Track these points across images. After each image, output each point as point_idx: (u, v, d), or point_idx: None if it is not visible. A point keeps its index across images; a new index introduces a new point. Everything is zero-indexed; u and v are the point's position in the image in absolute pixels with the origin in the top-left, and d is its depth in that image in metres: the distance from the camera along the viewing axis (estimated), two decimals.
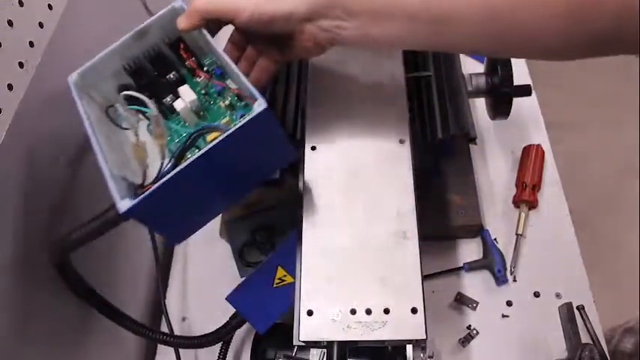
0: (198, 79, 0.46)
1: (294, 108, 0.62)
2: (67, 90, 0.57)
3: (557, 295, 0.68)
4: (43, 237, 0.52)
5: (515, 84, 0.65)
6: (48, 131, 0.53)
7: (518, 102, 0.66)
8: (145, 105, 0.42)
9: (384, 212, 0.46)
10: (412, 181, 0.47)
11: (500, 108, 0.67)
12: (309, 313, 0.43)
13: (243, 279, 0.59)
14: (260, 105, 0.37)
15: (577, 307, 0.62)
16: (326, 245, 0.45)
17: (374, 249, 0.45)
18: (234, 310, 0.57)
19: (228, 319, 0.58)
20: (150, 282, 0.78)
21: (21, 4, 0.49)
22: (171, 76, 0.46)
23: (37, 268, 0.51)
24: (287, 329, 0.46)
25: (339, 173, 0.48)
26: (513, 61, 0.65)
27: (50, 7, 0.54)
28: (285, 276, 0.55)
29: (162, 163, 0.40)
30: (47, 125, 0.53)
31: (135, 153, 0.41)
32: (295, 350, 0.57)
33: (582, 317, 0.63)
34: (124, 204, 0.36)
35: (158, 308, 0.76)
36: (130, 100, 0.43)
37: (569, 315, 0.60)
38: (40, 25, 0.52)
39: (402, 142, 0.49)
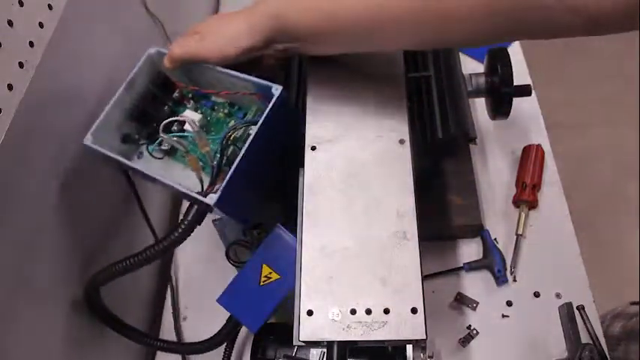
0: (188, 105, 0.54)
1: (293, 106, 0.62)
2: (67, 90, 0.57)
3: (557, 295, 0.68)
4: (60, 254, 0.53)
5: (515, 84, 0.64)
6: (48, 131, 0.53)
7: (518, 102, 0.66)
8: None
9: (384, 212, 0.46)
10: (412, 181, 0.47)
11: (500, 108, 0.67)
12: (309, 313, 0.43)
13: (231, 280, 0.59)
14: (277, 89, 0.47)
15: (577, 307, 0.62)
16: (326, 245, 0.45)
17: (374, 249, 0.45)
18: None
19: (226, 320, 0.58)
20: (150, 281, 0.78)
21: (21, 4, 0.49)
22: (166, 109, 0.53)
23: (37, 277, 0.52)
24: (287, 329, 0.46)
25: (339, 173, 0.48)
26: (513, 61, 0.65)
27: (50, 7, 0.54)
28: (270, 273, 0.55)
29: (212, 166, 0.48)
30: (47, 125, 0.53)
31: (192, 165, 0.49)
32: (295, 350, 0.57)
33: (582, 317, 0.63)
34: (211, 197, 0.44)
35: (158, 307, 0.76)
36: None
37: (569, 315, 0.60)
38: (40, 25, 0.52)
39: (402, 142, 0.49)
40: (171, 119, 0.50)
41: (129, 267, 0.51)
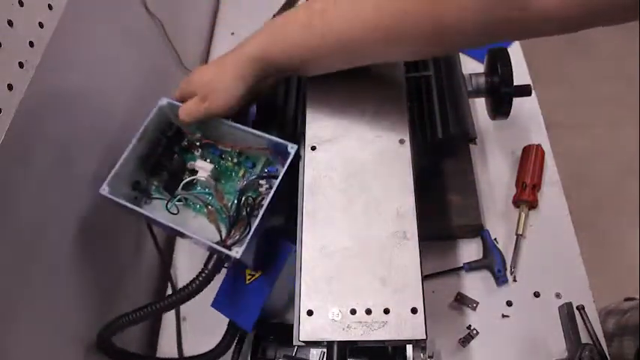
0: (196, 152, 0.57)
1: (294, 107, 0.62)
2: (67, 90, 0.57)
3: (557, 295, 0.68)
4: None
5: (515, 84, 0.64)
6: (48, 131, 0.53)
7: (518, 102, 0.66)
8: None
9: (384, 212, 0.46)
10: (412, 181, 0.47)
11: (500, 108, 0.67)
12: (309, 313, 0.43)
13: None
14: (293, 147, 0.50)
15: (577, 307, 0.62)
16: (326, 245, 0.45)
17: (374, 249, 0.45)
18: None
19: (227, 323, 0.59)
20: (151, 284, 0.78)
21: (21, 4, 0.49)
22: (175, 157, 0.56)
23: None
24: (287, 329, 0.46)
25: (339, 173, 0.48)
26: (513, 61, 0.65)
27: (50, 7, 0.54)
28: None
29: (230, 217, 0.51)
30: (47, 125, 0.53)
31: (210, 218, 0.52)
32: (295, 350, 0.57)
33: (582, 317, 0.63)
34: (236, 250, 0.47)
35: None
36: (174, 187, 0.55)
37: (569, 315, 0.60)
38: (40, 25, 0.52)
39: (402, 142, 0.49)
40: (191, 178, 0.54)
41: (148, 314, 0.52)
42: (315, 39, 0.46)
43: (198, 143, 0.57)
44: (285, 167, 0.50)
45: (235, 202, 0.51)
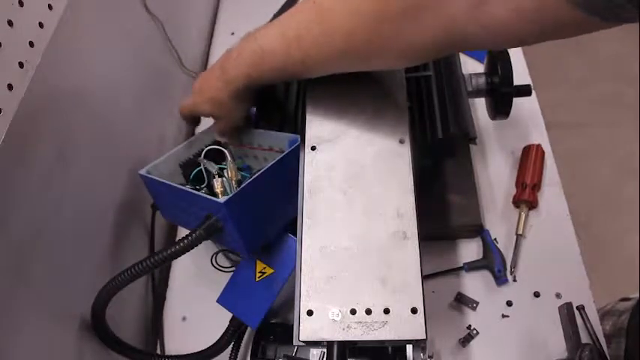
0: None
1: (294, 106, 0.62)
2: (67, 90, 0.57)
3: (557, 295, 0.68)
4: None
5: (515, 84, 0.65)
6: (48, 131, 0.53)
7: (518, 102, 0.66)
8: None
9: (384, 212, 0.46)
10: (412, 181, 0.47)
11: (500, 108, 0.67)
12: (309, 313, 0.43)
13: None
14: (295, 139, 0.55)
15: (577, 307, 0.62)
16: (326, 245, 0.45)
17: (374, 249, 0.45)
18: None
19: (229, 321, 0.58)
20: (149, 282, 0.78)
21: (21, 4, 0.49)
22: (213, 171, 0.60)
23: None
24: (287, 329, 0.46)
25: (339, 173, 0.48)
26: (513, 61, 0.65)
27: (50, 7, 0.54)
28: (265, 268, 0.56)
29: (238, 187, 0.55)
30: (47, 125, 0.53)
31: (218, 189, 0.57)
32: (295, 350, 0.57)
33: (582, 317, 0.63)
34: (223, 198, 0.49)
35: (159, 307, 0.76)
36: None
37: (569, 315, 0.60)
38: (40, 25, 0.52)
39: (402, 142, 0.49)
40: (213, 147, 0.60)
41: (135, 274, 0.52)
42: (296, 66, 0.48)
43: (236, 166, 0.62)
44: (287, 151, 0.53)
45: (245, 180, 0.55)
